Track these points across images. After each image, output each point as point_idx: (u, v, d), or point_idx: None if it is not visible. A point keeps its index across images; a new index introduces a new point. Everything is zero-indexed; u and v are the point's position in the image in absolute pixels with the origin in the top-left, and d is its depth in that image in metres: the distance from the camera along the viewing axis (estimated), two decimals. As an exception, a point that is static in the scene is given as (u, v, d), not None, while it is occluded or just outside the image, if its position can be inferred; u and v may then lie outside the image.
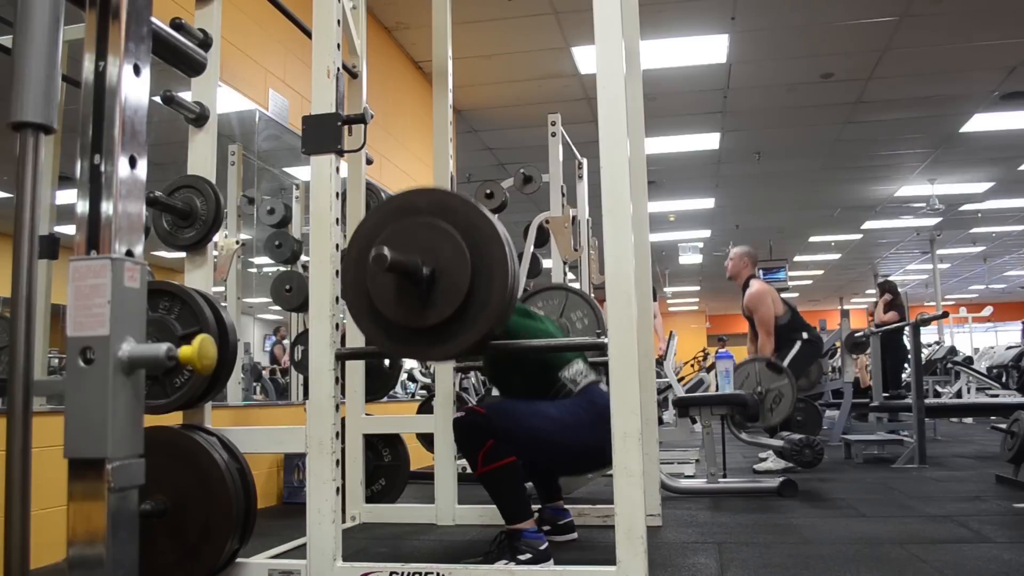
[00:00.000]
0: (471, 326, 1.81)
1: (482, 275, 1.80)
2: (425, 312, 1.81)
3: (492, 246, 1.82)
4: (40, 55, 1.03)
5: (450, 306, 1.79)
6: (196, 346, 1.07)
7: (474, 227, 1.83)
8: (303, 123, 2.02)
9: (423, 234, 1.83)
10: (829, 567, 2.16)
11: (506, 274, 1.81)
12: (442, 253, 1.81)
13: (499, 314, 1.82)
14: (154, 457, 1.15)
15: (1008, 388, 8.83)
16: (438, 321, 1.80)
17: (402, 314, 1.83)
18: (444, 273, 1.80)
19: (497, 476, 2.22)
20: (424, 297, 1.80)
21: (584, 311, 3.10)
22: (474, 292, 1.79)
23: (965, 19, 5.58)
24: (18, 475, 0.97)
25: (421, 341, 1.85)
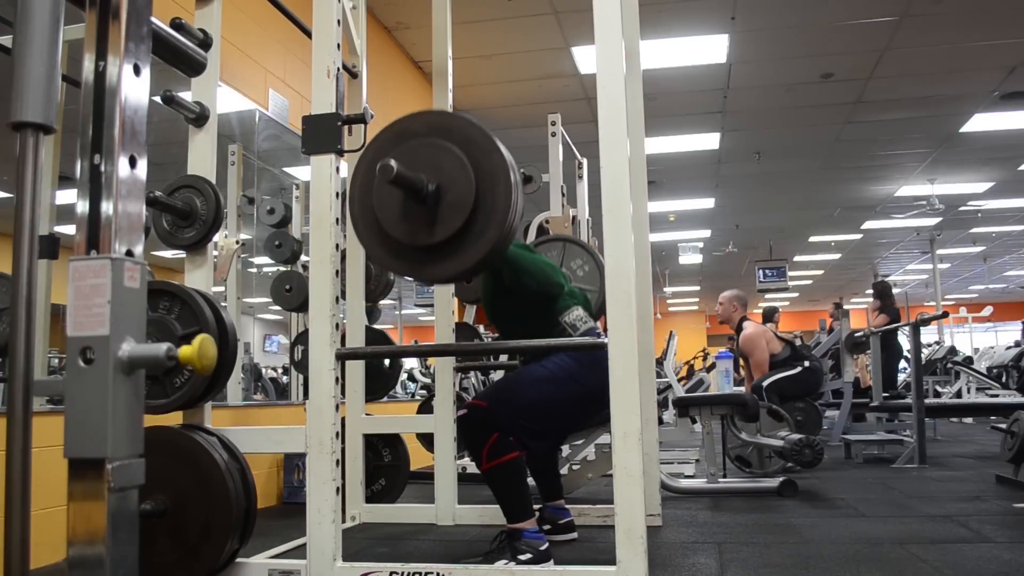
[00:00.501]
0: (481, 236, 1.83)
1: (486, 184, 1.83)
2: (433, 228, 1.83)
3: (492, 156, 1.85)
4: (40, 55, 1.03)
5: (459, 218, 1.82)
6: (196, 346, 1.07)
7: (472, 141, 1.86)
8: (303, 123, 2.03)
9: (424, 154, 1.86)
10: (829, 567, 2.16)
11: (509, 181, 1.83)
12: (445, 169, 1.84)
13: (507, 221, 1.84)
14: (154, 457, 1.15)
15: (1008, 388, 8.83)
16: (447, 235, 1.83)
17: (410, 233, 1.85)
18: (449, 188, 1.83)
19: (501, 472, 2.23)
20: (431, 213, 1.83)
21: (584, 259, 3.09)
22: (480, 202, 1.82)
23: (965, 19, 5.58)
24: (18, 475, 0.97)
25: (431, 259, 1.88)
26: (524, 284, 2.33)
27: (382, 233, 1.88)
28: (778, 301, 13.87)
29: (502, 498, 2.27)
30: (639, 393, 1.79)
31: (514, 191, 1.84)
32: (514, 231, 1.93)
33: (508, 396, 2.31)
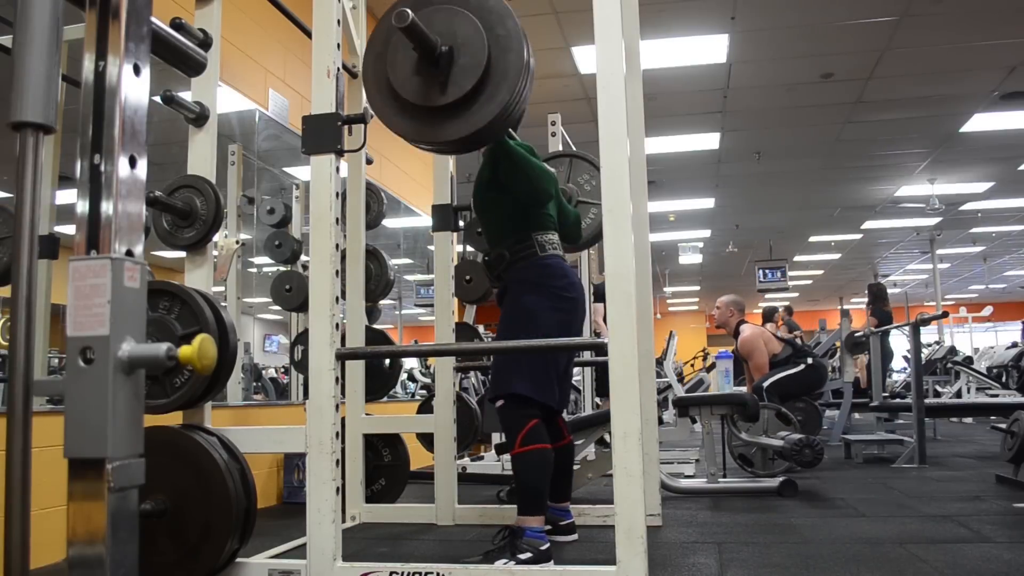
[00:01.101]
0: (490, 99, 1.90)
1: (499, 49, 1.90)
2: (445, 88, 1.90)
3: (506, 21, 1.92)
4: (40, 55, 1.03)
5: (471, 79, 1.89)
6: (196, 346, 1.07)
7: (487, 8, 1.94)
8: (303, 123, 2.02)
9: (440, 18, 1.93)
10: (829, 567, 2.16)
11: (521, 46, 1.90)
12: (459, 33, 1.91)
13: (517, 85, 1.89)
14: (154, 457, 1.15)
15: (1008, 388, 8.83)
16: (459, 95, 1.89)
17: (422, 93, 1.92)
18: (462, 50, 1.90)
19: (530, 460, 2.28)
20: (443, 75, 1.90)
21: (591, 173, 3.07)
22: (492, 65, 1.89)
23: (965, 19, 5.58)
24: (18, 475, 0.97)
25: (440, 118, 1.94)
26: (517, 180, 2.36)
27: (393, 92, 1.95)
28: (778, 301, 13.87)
29: (523, 487, 2.30)
30: (639, 393, 1.79)
31: (526, 57, 1.91)
32: (525, 97, 1.99)
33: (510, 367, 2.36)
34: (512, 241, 2.46)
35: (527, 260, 2.43)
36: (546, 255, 2.44)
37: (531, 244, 2.44)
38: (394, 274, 3.64)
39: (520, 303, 2.41)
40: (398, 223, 6.14)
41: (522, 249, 2.44)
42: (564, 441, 2.62)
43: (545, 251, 2.44)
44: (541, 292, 2.40)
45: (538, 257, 2.43)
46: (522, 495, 2.30)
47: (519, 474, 2.31)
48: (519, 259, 2.44)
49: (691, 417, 3.95)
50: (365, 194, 3.10)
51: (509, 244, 2.46)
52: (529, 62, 1.93)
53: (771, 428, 4.25)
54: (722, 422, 4.02)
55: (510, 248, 2.46)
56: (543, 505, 2.30)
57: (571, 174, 3.09)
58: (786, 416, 4.31)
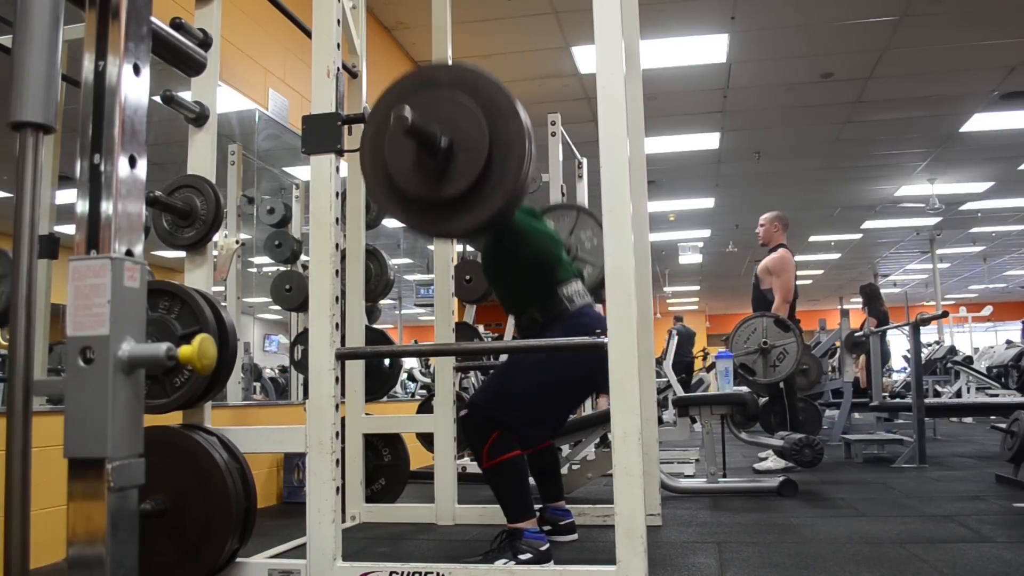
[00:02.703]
0: (486, 200, 1.82)
1: (500, 150, 1.81)
2: (442, 184, 1.82)
3: (511, 121, 1.82)
4: (40, 55, 1.03)
5: (467, 179, 1.80)
6: (196, 346, 1.07)
7: (494, 103, 1.83)
8: (303, 123, 2.02)
9: (443, 107, 1.83)
10: (829, 567, 2.16)
11: (523, 150, 1.81)
12: (461, 126, 1.81)
13: (515, 190, 1.82)
14: (154, 457, 1.15)
15: (1008, 388, 8.83)
16: (454, 194, 1.81)
17: (419, 185, 1.84)
18: (462, 146, 1.81)
19: (502, 471, 2.24)
20: (441, 169, 1.82)
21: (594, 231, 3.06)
22: (491, 167, 1.80)
23: (965, 19, 5.58)
24: (18, 475, 0.97)
25: (436, 214, 1.87)
26: (521, 251, 2.34)
27: (390, 181, 1.88)
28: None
29: (502, 497, 2.27)
30: (639, 393, 1.79)
31: (527, 162, 1.83)
32: (520, 200, 1.93)
33: (503, 388, 2.32)
34: (539, 303, 2.38)
35: (562, 319, 2.35)
36: (577, 309, 2.37)
37: (559, 301, 2.37)
38: (394, 274, 3.64)
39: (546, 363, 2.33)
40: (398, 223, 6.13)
41: (552, 307, 2.36)
42: (543, 445, 2.62)
43: (575, 304, 2.38)
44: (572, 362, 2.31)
45: (571, 315, 2.35)
46: (505, 504, 2.27)
47: (495, 487, 2.28)
48: (553, 320, 2.36)
49: (691, 417, 3.95)
50: (365, 194, 3.10)
51: (538, 306, 2.39)
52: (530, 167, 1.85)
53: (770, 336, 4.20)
54: (722, 422, 4.02)
55: (540, 310, 2.39)
56: (530, 507, 2.28)
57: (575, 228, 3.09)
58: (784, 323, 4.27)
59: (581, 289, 2.46)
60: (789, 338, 4.17)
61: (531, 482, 2.43)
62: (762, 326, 4.27)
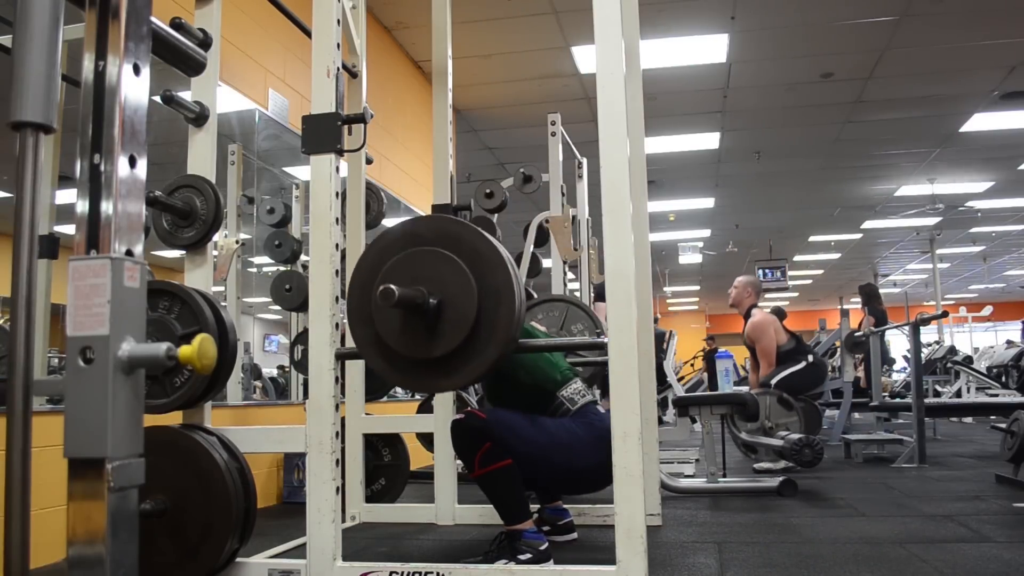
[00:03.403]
0: (480, 354, 1.81)
1: (489, 302, 1.80)
2: (432, 344, 1.81)
3: (497, 273, 1.82)
4: (40, 55, 1.03)
5: (458, 336, 1.79)
6: (196, 346, 1.07)
7: (478, 254, 1.83)
8: (303, 123, 2.03)
9: (428, 263, 1.83)
10: (829, 567, 2.16)
11: (512, 300, 1.81)
12: (448, 283, 1.81)
13: (507, 341, 1.82)
14: (154, 457, 1.15)
15: (1008, 388, 8.83)
16: (445, 352, 1.80)
17: (409, 346, 1.82)
18: (450, 303, 1.80)
19: (494, 478, 2.23)
20: (431, 328, 1.80)
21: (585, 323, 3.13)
22: (481, 320, 1.79)
23: (965, 19, 5.58)
24: (18, 475, 0.97)
25: (429, 373, 1.86)
26: (519, 377, 2.36)
27: (379, 341, 1.86)
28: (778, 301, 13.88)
29: (497, 502, 2.26)
30: (639, 393, 1.79)
31: (517, 310, 1.82)
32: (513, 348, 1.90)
33: (510, 428, 2.26)
34: (541, 410, 2.39)
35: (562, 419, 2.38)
36: (578, 407, 2.40)
37: (560, 404, 2.40)
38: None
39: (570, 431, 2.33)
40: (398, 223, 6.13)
41: (554, 413, 2.39)
42: None
43: (576, 403, 2.41)
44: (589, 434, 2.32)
45: (573, 414, 2.38)
46: (500, 508, 2.27)
47: (489, 493, 2.27)
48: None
49: (691, 417, 3.95)
50: (365, 194, 3.10)
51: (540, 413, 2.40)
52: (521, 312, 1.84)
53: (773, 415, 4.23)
54: (722, 422, 4.02)
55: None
56: (526, 509, 2.27)
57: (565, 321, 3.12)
58: (788, 402, 4.30)
59: (581, 387, 2.47)
60: (792, 417, 4.18)
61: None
62: (765, 405, 4.27)
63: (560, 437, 2.30)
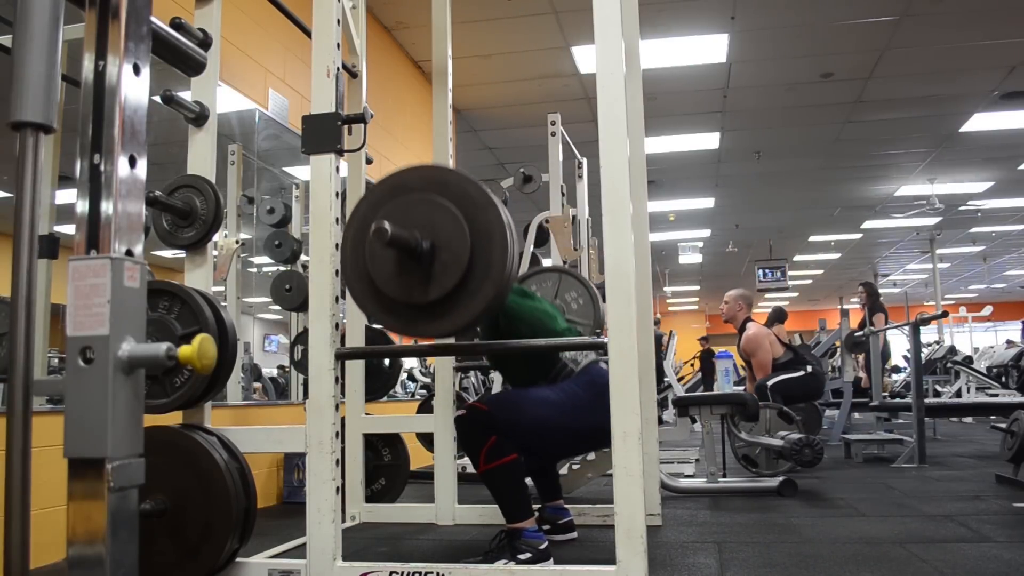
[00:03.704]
0: (475, 295, 1.81)
1: (481, 242, 1.80)
2: (428, 287, 1.81)
3: (488, 212, 1.82)
4: (40, 55, 1.03)
5: (453, 277, 1.79)
6: (196, 346, 1.07)
7: (467, 197, 1.83)
8: (303, 123, 2.02)
9: (418, 210, 1.83)
10: (829, 567, 2.16)
11: (505, 238, 1.81)
12: (439, 226, 1.81)
13: (502, 279, 1.81)
14: (154, 457, 1.15)
15: (1008, 388, 8.84)
16: (442, 294, 1.80)
17: (404, 291, 1.83)
18: (444, 246, 1.80)
19: (499, 474, 2.23)
20: (426, 272, 1.81)
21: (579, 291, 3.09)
22: (475, 260, 1.80)
23: (965, 19, 5.58)
24: (18, 475, 0.97)
25: (425, 317, 1.85)
26: (520, 333, 2.35)
27: (375, 290, 1.86)
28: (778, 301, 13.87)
29: (500, 499, 2.27)
30: (639, 393, 1.79)
31: (510, 248, 1.81)
32: (510, 288, 1.90)
33: (512, 408, 2.29)
34: (543, 375, 2.42)
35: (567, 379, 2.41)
36: (582, 366, 2.43)
37: (564, 365, 2.43)
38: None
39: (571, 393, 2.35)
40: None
41: (558, 373, 2.42)
42: None
43: (579, 363, 2.43)
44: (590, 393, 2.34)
45: (577, 373, 2.41)
46: (503, 505, 2.28)
47: (492, 489, 2.28)
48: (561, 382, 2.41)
49: (691, 417, 3.95)
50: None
51: (543, 376, 2.43)
52: (514, 252, 1.84)
53: (773, 428, 4.25)
54: (722, 422, 4.02)
55: (547, 380, 2.43)
56: (528, 507, 2.28)
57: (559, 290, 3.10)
58: (788, 415, 4.31)
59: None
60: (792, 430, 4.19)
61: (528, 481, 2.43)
62: (765, 419, 4.28)
63: (563, 404, 2.31)
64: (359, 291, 1.90)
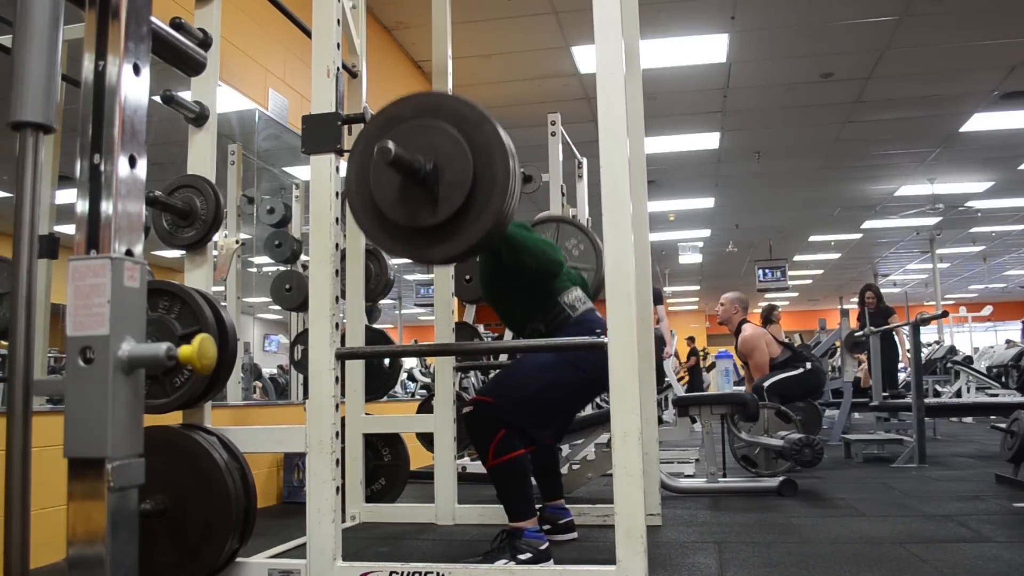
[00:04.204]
0: (482, 212, 1.81)
1: (483, 159, 1.81)
2: (436, 208, 1.81)
3: (485, 129, 1.83)
4: (40, 55, 1.03)
5: (460, 195, 1.79)
6: (196, 345, 1.07)
7: (462, 117, 1.84)
8: (303, 123, 2.03)
9: (416, 136, 1.83)
10: (829, 567, 2.16)
11: (505, 152, 1.81)
12: (440, 147, 1.82)
13: (508, 192, 1.82)
14: (154, 457, 1.15)
15: (1008, 387, 8.83)
16: (451, 213, 1.80)
17: (412, 215, 1.83)
18: (446, 166, 1.81)
19: (506, 469, 2.25)
20: (431, 194, 1.81)
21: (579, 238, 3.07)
22: (479, 177, 1.80)
23: (965, 19, 5.58)
24: (18, 475, 0.97)
25: (435, 240, 1.85)
26: (522, 262, 2.33)
27: (381, 216, 1.87)
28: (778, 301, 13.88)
29: (505, 495, 2.28)
30: (639, 393, 1.79)
31: (511, 160, 1.82)
32: (515, 201, 1.91)
33: (510, 388, 2.33)
34: (542, 314, 2.43)
35: (566, 326, 2.41)
36: (579, 314, 2.43)
37: (561, 309, 2.42)
38: (394, 274, 3.64)
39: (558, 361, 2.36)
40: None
41: (555, 317, 2.42)
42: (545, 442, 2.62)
43: (577, 311, 2.43)
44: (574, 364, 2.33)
45: (573, 320, 2.41)
46: (507, 503, 2.29)
47: (498, 485, 2.29)
48: (557, 328, 2.42)
49: (691, 417, 3.95)
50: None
51: (540, 318, 2.44)
52: (515, 165, 1.85)
53: (772, 428, 4.25)
54: (722, 422, 4.02)
55: (543, 322, 2.44)
56: (531, 507, 2.28)
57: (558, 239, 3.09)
58: (786, 415, 4.31)
59: (581, 295, 2.49)
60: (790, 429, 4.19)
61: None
62: (763, 419, 4.28)
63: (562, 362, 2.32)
64: (367, 223, 1.91)
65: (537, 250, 2.33)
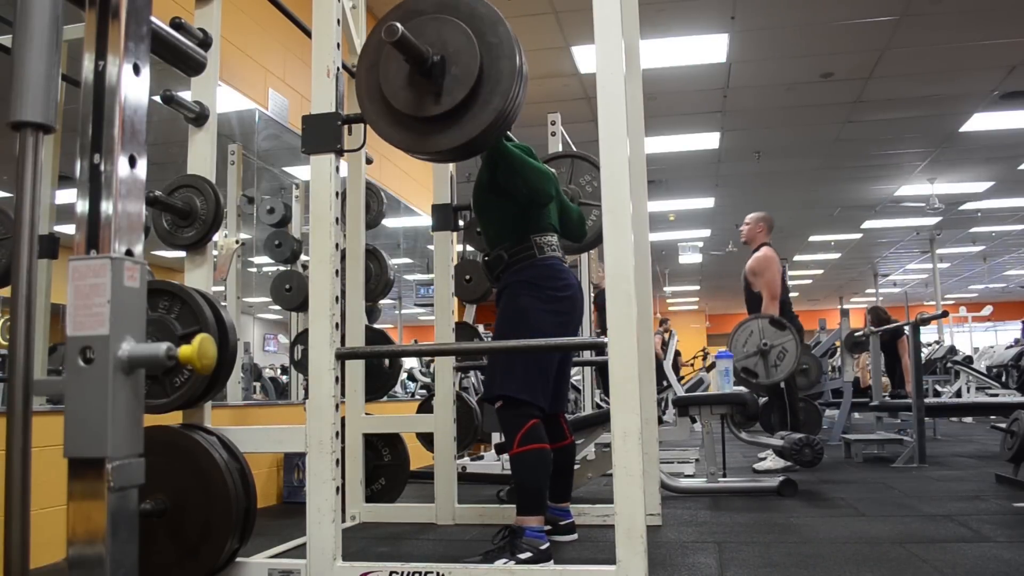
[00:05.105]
0: (485, 107, 1.88)
1: (491, 56, 1.89)
2: (439, 98, 1.88)
3: (498, 29, 1.92)
4: (40, 55, 1.03)
5: (464, 88, 1.87)
6: (196, 345, 1.07)
7: (477, 16, 1.93)
8: (303, 123, 2.03)
9: (430, 28, 1.91)
10: (829, 567, 2.16)
11: (513, 52, 1.89)
12: (450, 42, 1.90)
13: (511, 92, 1.88)
14: (154, 457, 1.15)
15: (1008, 387, 8.83)
16: (453, 105, 1.87)
17: (416, 104, 1.90)
18: (454, 59, 1.88)
19: (528, 459, 2.28)
20: (436, 85, 1.88)
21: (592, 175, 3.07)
22: (485, 72, 1.88)
23: (965, 19, 5.58)
24: (18, 475, 0.97)
25: (436, 129, 1.92)
26: (515, 184, 2.37)
27: (386, 103, 1.93)
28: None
29: (521, 486, 2.31)
30: (639, 393, 1.79)
31: (518, 60, 1.89)
32: (519, 103, 1.97)
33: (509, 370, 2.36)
34: (511, 243, 2.47)
35: (525, 261, 2.44)
36: (544, 256, 2.45)
37: (530, 246, 2.45)
38: (394, 274, 3.64)
39: (515, 304, 2.42)
40: (398, 223, 6.15)
41: (521, 251, 2.45)
42: (566, 441, 2.62)
43: (543, 252, 2.46)
44: (536, 293, 2.40)
45: (536, 259, 2.44)
46: (521, 495, 2.31)
47: (517, 474, 2.32)
48: (517, 260, 2.46)
49: (691, 417, 3.95)
50: (365, 194, 3.10)
51: (508, 246, 2.47)
52: (522, 67, 1.92)
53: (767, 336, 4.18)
54: (722, 422, 4.02)
55: (508, 250, 2.47)
56: (542, 505, 2.30)
57: (572, 175, 3.09)
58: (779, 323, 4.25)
59: (555, 243, 2.52)
60: (786, 336, 4.17)
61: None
62: (758, 327, 4.26)
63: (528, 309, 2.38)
64: (372, 111, 1.97)
65: (532, 176, 2.35)
